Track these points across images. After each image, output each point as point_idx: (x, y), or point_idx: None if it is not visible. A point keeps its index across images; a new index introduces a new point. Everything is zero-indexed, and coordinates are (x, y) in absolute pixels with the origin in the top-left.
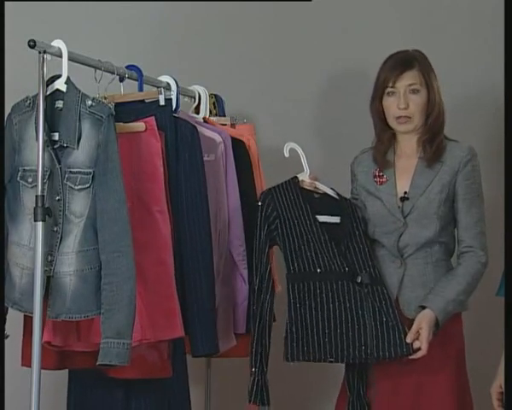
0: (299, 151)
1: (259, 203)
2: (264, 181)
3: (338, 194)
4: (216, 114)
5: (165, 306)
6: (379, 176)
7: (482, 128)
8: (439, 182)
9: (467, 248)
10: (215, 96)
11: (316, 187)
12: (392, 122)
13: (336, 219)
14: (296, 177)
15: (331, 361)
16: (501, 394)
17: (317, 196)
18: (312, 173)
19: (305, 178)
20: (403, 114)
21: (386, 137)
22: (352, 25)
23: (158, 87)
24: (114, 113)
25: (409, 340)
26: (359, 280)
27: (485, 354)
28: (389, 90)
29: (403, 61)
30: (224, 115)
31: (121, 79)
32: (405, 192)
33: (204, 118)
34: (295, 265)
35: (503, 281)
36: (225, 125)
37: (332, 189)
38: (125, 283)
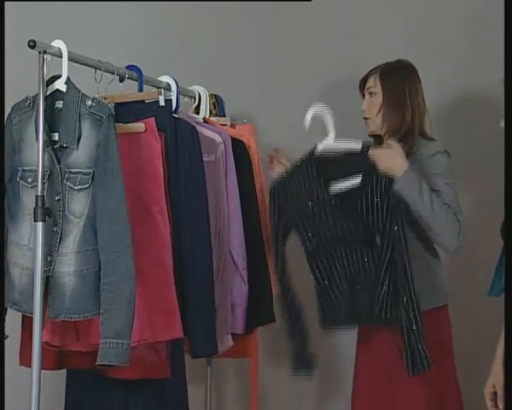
0: (324, 114)
1: (270, 191)
2: (264, 181)
3: (363, 146)
4: (216, 115)
5: (164, 306)
6: None
7: (482, 128)
8: None
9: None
10: (215, 96)
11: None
12: None
13: (357, 180)
14: (314, 147)
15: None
16: (494, 394)
17: (340, 156)
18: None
19: (328, 143)
20: (363, 115)
21: (374, 142)
22: (352, 25)
23: (158, 87)
24: (114, 113)
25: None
26: (375, 242)
27: (483, 353)
28: (362, 96)
29: (370, 70)
30: (224, 115)
31: (121, 80)
32: None
33: (204, 118)
34: (310, 242)
35: (495, 281)
36: (225, 125)
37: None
38: (125, 283)
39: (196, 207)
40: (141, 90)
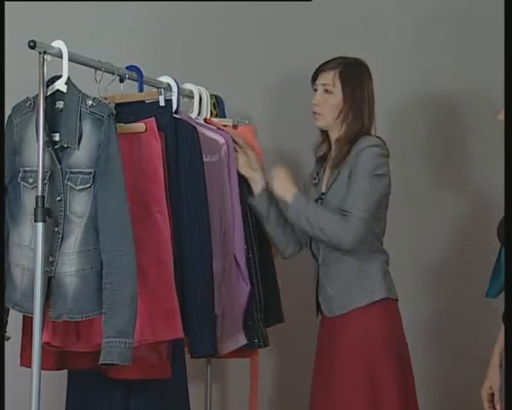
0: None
1: None
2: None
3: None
4: (216, 115)
5: (165, 306)
6: (313, 177)
7: (481, 128)
8: (342, 181)
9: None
10: (215, 96)
11: None
12: None
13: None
14: None
15: None
16: (491, 395)
17: None
18: None
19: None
20: (313, 110)
21: (320, 134)
22: (352, 25)
23: (158, 88)
24: (115, 112)
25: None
26: None
27: (481, 355)
28: (314, 87)
29: (324, 63)
30: (225, 116)
31: (121, 80)
32: (322, 193)
33: (205, 119)
34: None
35: (492, 283)
36: (226, 126)
37: None
38: (127, 282)
39: (196, 207)
40: (141, 90)
